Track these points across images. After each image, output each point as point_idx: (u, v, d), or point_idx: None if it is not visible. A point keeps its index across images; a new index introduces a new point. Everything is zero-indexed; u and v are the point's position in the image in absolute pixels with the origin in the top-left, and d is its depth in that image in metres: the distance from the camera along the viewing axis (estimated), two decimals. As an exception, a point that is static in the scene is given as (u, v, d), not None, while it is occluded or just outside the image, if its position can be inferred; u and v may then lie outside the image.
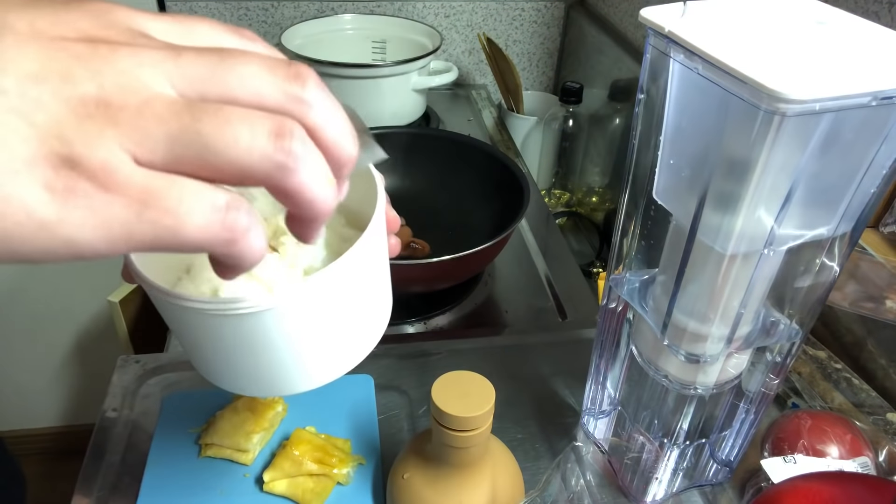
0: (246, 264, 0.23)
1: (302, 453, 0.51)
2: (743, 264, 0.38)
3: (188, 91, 0.21)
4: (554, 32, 1.30)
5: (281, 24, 1.17)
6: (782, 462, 0.48)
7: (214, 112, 0.21)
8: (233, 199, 0.22)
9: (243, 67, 0.22)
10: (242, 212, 0.22)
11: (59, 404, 1.54)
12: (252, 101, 0.22)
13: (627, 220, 0.45)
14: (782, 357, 0.45)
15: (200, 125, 0.20)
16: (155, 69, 0.21)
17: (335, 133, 0.24)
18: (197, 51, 0.22)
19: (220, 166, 0.21)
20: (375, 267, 0.34)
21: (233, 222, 0.21)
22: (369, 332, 0.36)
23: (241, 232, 0.22)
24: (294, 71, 0.23)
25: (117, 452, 0.55)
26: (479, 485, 0.42)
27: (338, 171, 0.25)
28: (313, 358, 0.33)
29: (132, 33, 0.22)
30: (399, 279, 0.70)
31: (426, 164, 0.87)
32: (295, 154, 0.22)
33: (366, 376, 0.61)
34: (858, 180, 0.35)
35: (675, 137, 0.38)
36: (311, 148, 0.23)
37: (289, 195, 0.23)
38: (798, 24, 0.35)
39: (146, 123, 0.20)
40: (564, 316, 0.76)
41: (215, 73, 0.22)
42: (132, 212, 0.20)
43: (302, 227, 0.25)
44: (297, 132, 0.22)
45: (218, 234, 0.21)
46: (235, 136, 0.21)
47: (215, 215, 0.21)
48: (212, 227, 0.21)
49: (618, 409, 0.54)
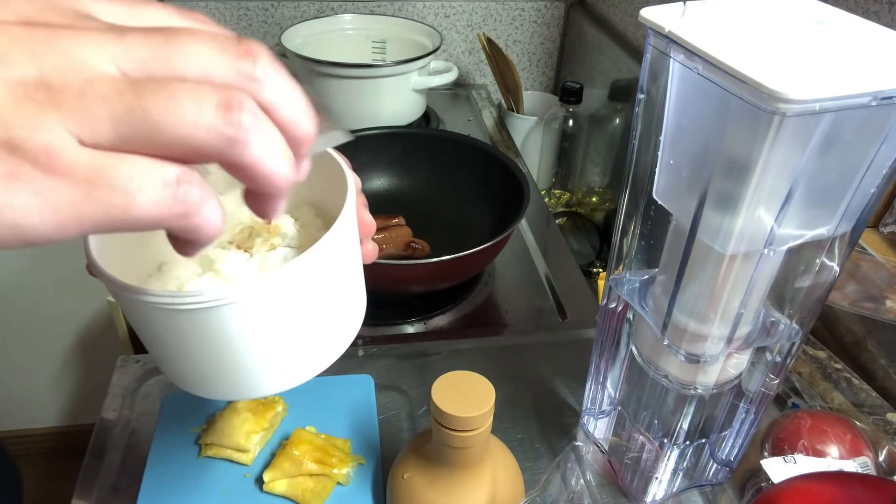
0: (203, 238, 0.23)
1: (302, 453, 0.51)
2: (743, 264, 0.38)
3: (134, 71, 0.21)
4: (554, 32, 1.30)
5: (281, 24, 1.17)
6: (782, 462, 0.48)
7: (159, 88, 0.20)
8: (183, 172, 0.21)
9: (191, 46, 0.22)
10: (194, 185, 0.21)
11: (59, 404, 1.54)
12: (201, 79, 0.21)
13: (627, 220, 0.45)
14: (782, 357, 0.45)
15: (145, 102, 0.20)
16: (98, 49, 0.20)
17: (290, 110, 0.23)
18: (144, 31, 0.22)
19: (167, 143, 0.20)
20: (343, 266, 0.33)
21: (185, 195, 0.21)
22: (338, 335, 0.35)
23: (195, 205, 0.21)
24: (245, 48, 0.22)
25: (117, 452, 0.55)
26: (479, 485, 0.42)
27: (295, 149, 0.24)
28: (277, 359, 0.32)
29: (76, 15, 0.22)
30: (399, 279, 0.70)
31: (426, 164, 0.87)
32: (245, 127, 0.21)
33: (366, 376, 0.61)
34: (858, 180, 0.35)
35: (675, 137, 0.38)
36: (263, 120, 0.22)
37: (242, 169, 0.22)
38: (798, 24, 0.35)
39: (89, 104, 0.20)
40: (564, 316, 0.76)
41: (162, 53, 0.21)
42: (79, 193, 0.20)
43: (260, 202, 0.25)
44: (246, 104, 0.21)
45: (171, 209, 0.21)
46: (181, 111, 0.20)
47: (166, 190, 0.21)
48: (164, 202, 0.21)
49: (618, 409, 0.54)
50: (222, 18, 1.17)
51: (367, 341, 0.68)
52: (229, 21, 1.17)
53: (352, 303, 0.36)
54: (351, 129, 0.89)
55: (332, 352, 0.35)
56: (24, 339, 1.41)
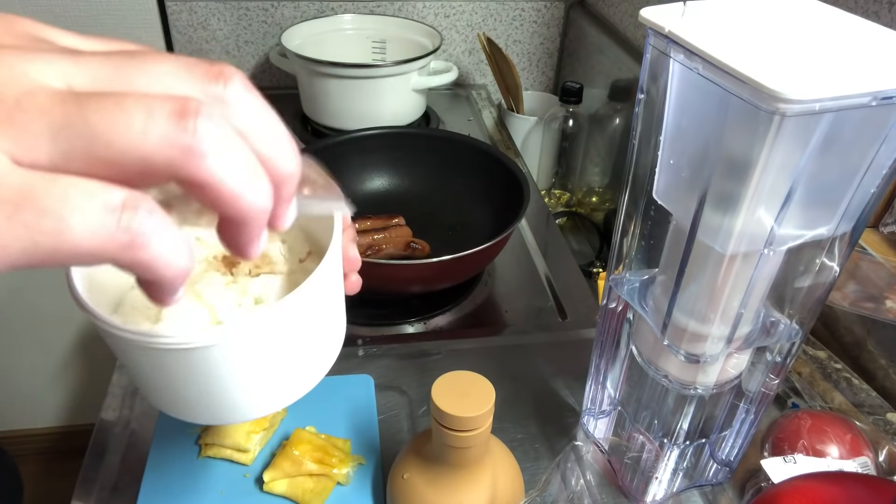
0: (164, 277, 0.20)
1: (302, 453, 0.51)
2: (743, 264, 0.38)
3: (84, 87, 0.18)
4: (554, 32, 1.30)
5: (281, 24, 1.17)
6: (782, 462, 0.48)
7: (106, 99, 0.18)
8: (131, 197, 0.18)
9: (154, 65, 0.19)
10: (142, 211, 0.18)
11: (59, 404, 1.54)
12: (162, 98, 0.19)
13: (627, 220, 0.45)
14: (782, 357, 0.45)
15: (88, 113, 0.17)
16: (46, 65, 0.18)
17: (267, 141, 0.20)
18: (104, 53, 0.19)
19: (114, 160, 0.18)
20: (327, 303, 0.33)
21: (130, 223, 0.18)
22: (319, 363, 0.35)
23: (143, 235, 0.18)
24: (216, 69, 0.20)
25: (117, 452, 0.55)
26: (479, 485, 0.42)
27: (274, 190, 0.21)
28: (261, 388, 0.32)
29: (31, 39, 0.20)
30: (399, 279, 0.70)
31: (426, 164, 0.87)
32: (202, 135, 0.18)
33: (366, 376, 0.61)
34: (858, 180, 0.35)
35: (675, 137, 0.38)
36: (228, 132, 0.19)
37: (202, 188, 0.19)
38: (798, 24, 0.35)
39: (25, 116, 0.17)
40: (564, 316, 0.76)
41: (120, 70, 0.19)
42: (2, 216, 0.17)
43: (231, 234, 0.21)
44: (205, 110, 0.18)
45: (113, 238, 0.18)
46: (129, 121, 0.18)
47: (108, 217, 0.18)
48: (104, 230, 0.18)
49: (618, 409, 0.54)
50: (222, 18, 1.17)
51: (367, 341, 0.68)
52: (229, 21, 1.17)
53: (333, 331, 0.36)
54: (351, 129, 0.89)
55: (315, 375, 0.35)
56: (24, 339, 1.41)
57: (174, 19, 1.15)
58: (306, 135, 1.08)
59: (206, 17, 1.16)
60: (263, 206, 0.20)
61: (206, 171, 0.18)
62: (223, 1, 1.15)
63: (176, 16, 1.15)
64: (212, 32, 1.18)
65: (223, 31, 1.18)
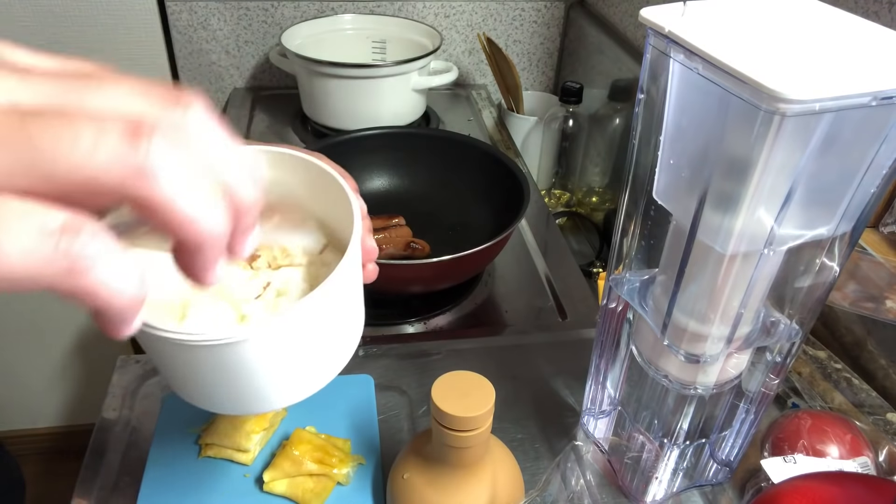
0: (111, 306, 0.18)
1: (302, 453, 0.51)
2: (743, 264, 0.38)
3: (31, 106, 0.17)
4: (554, 32, 1.30)
5: (281, 24, 1.17)
6: (782, 462, 0.48)
7: (51, 116, 0.17)
8: (73, 220, 0.17)
9: (110, 87, 0.18)
10: (84, 235, 0.17)
11: (59, 404, 1.54)
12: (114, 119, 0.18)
13: (627, 220, 0.45)
14: (782, 357, 0.45)
15: (32, 130, 0.17)
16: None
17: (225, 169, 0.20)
18: (57, 73, 0.19)
19: (58, 179, 0.17)
20: (349, 294, 0.34)
21: (69, 247, 0.17)
22: (343, 350, 0.36)
23: (84, 260, 0.17)
24: (175, 95, 0.19)
25: (117, 452, 0.55)
26: (479, 485, 0.42)
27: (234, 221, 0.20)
28: (287, 379, 0.33)
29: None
30: (399, 279, 0.70)
31: (426, 164, 0.87)
32: (154, 156, 0.17)
33: (366, 376, 0.61)
34: (858, 180, 0.35)
35: (675, 137, 0.38)
36: (184, 155, 0.18)
37: (153, 212, 0.18)
38: (798, 24, 0.35)
39: None
40: (564, 316, 0.76)
41: (71, 90, 0.18)
42: None
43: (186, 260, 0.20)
44: (159, 131, 0.18)
45: (51, 263, 0.17)
46: (76, 140, 0.17)
47: (45, 240, 0.17)
48: (40, 253, 0.17)
49: (618, 409, 0.54)
50: (222, 18, 1.17)
51: (367, 341, 0.68)
52: (229, 21, 1.17)
53: (355, 320, 0.37)
54: (351, 128, 0.89)
55: (337, 365, 0.36)
56: (24, 340, 1.41)
57: (174, 19, 1.15)
58: (306, 135, 1.08)
59: (206, 17, 1.16)
60: (219, 233, 0.20)
61: (157, 193, 0.18)
62: (223, 1, 1.15)
63: (176, 16, 1.15)
64: (212, 32, 1.18)
65: (223, 31, 1.18)
